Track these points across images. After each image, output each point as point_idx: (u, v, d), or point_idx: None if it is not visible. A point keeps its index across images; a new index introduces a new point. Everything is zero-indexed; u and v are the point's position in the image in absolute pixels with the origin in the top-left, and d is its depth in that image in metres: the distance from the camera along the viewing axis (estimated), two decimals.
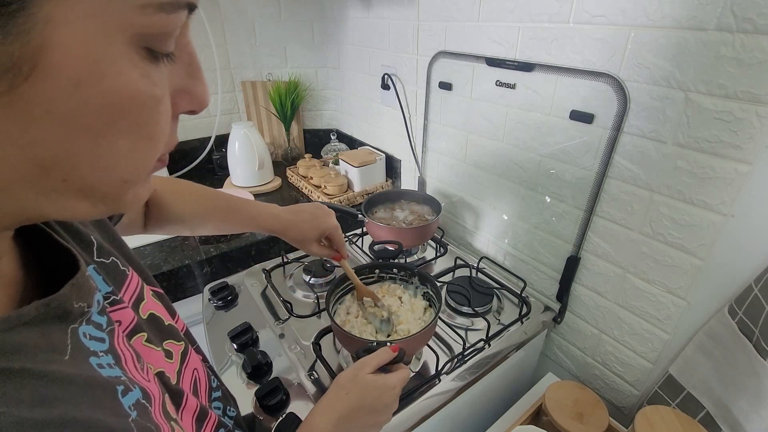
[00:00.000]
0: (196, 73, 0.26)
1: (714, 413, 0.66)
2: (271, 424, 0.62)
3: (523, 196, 0.93)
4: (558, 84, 0.77)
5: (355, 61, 1.42)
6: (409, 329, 0.72)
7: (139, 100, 0.22)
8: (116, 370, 0.29)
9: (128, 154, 0.23)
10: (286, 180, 1.50)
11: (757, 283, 0.57)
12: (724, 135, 0.58)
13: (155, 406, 0.31)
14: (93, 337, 0.29)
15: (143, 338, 0.37)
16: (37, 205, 0.22)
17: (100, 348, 0.29)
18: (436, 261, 1.06)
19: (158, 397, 0.32)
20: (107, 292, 0.35)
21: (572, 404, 0.73)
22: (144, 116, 0.23)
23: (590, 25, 0.69)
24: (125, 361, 0.31)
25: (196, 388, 0.42)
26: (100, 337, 0.30)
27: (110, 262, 0.37)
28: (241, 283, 0.97)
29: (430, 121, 1.13)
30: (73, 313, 0.28)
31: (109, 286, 0.35)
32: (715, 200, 0.62)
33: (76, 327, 0.28)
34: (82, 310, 0.29)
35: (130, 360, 0.31)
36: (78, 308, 0.28)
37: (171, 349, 0.40)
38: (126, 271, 0.39)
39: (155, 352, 0.38)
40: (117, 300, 0.36)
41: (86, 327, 0.29)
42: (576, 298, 0.89)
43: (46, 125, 0.20)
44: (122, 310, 0.36)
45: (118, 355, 0.30)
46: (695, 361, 0.67)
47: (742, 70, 0.54)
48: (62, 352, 0.26)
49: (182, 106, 0.27)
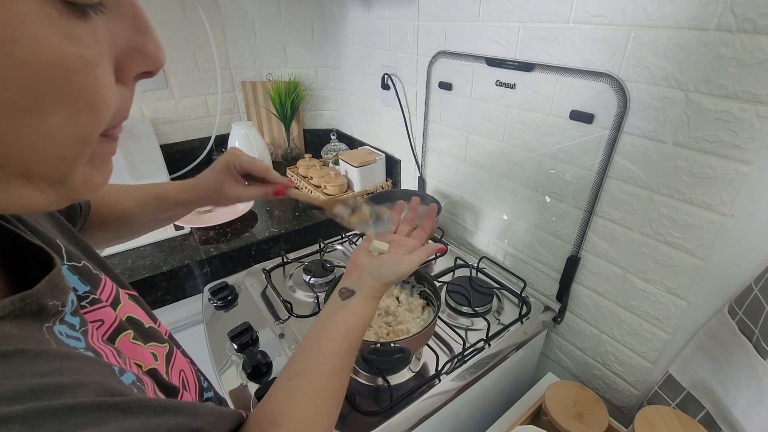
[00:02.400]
0: (143, 28, 0.23)
1: (714, 413, 0.66)
2: None
3: (523, 196, 0.93)
4: (558, 84, 0.77)
5: (355, 61, 1.42)
6: (408, 329, 0.72)
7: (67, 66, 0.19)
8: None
9: (66, 129, 0.20)
10: None
11: (757, 283, 0.57)
12: (724, 135, 0.58)
13: (149, 390, 0.31)
14: (69, 336, 0.28)
15: (130, 336, 0.36)
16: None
17: (78, 346, 0.28)
18: (436, 261, 1.06)
19: (150, 385, 0.32)
20: (84, 291, 0.34)
21: (572, 404, 0.73)
22: (77, 84, 0.20)
23: (590, 25, 0.69)
24: (106, 357, 0.30)
25: (185, 388, 0.41)
26: (76, 336, 0.28)
27: (82, 265, 0.36)
28: (241, 283, 0.97)
29: (430, 121, 1.13)
30: (48, 311, 0.27)
31: (86, 286, 0.34)
32: (715, 200, 0.62)
33: (50, 326, 0.27)
34: (57, 308, 0.28)
35: (111, 357, 0.30)
36: (52, 306, 0.27)
37: (155, 351, 0.39)
38: (99, 275, 0.38)
39: (143, 349, 0.37)
40: (96, 299, 0.35)
41: (60, 326, 0.28)
42: (576, 298, 0.89)
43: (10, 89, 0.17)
44: (102, 309, 0.35)
45: (99, 353, 0.29)
46: (695, 361, 0.67)
47: (742, 70, 0.54)
48: (48, 343, 0.25)
49: (134, 68, 0.23)
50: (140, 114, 1.38)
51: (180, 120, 1.47)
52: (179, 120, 1.47)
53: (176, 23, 1.34)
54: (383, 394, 0.69)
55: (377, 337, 0.71)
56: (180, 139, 1.49)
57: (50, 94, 0.19)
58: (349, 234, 1.15)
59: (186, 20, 1.35)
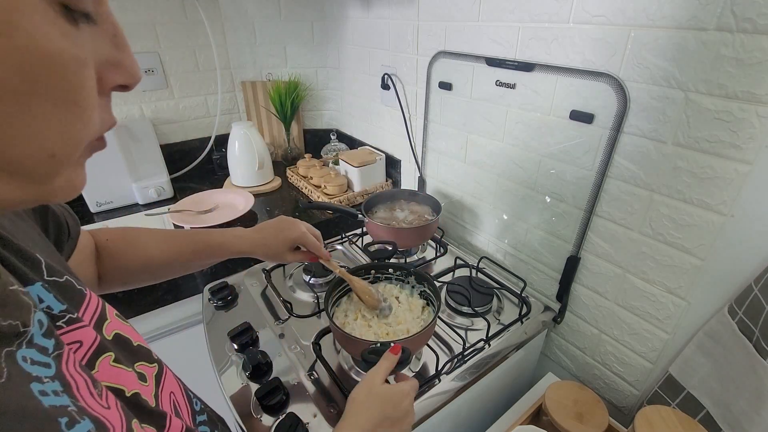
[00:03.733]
0: (122, 46, 0.24)
1: (714, 413, 0.66)
2: (271, 425, 0.62)
3: (523, 196, 0.93)
4: (558, 84, 0.77)
5: (355, 61, 1.42)
6: (408, 329, 0.72)
7: (61, 60, 0.20)
8: (63, 398, 0.26)
9: (54, 124, 0.21)
10: (286, 180, 1.50)
11: (757, 283, 0.57)
12: (724, 135, 0.58)
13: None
14: (35, 362, 0.25)
15: (110, 358, 0.34)
16: None
17: (45, 374, 0.26)
18: (436, 261, 1.06)
19: (119, 426, 0.29)
20: (61, 310, 0.31)
21: (572, 404, 0.73)
22: (67, 79, 0.21)
23: (590, 25, 0.69)
24: (77, 389, 0.27)
25: (177, 412, 0.39)
26: (45, 362, 0.26)
27: (64, 280, 0.34)
28: (241, 283, 0.97)
29: (430, 121, 1.13)
30: (3, 332, 0.24)
31: (63, 304, 0.31)
32: (715, 200, 0.62)
33: (12, 350, 0.24)
34: (16, 329, 0.25)
35: (83, 387, 0.28)
36: (8, 326, 0.25)
37: (143, 372, 0.37)
38: (83, 290, 0.35)
39: (126, 373, 0.34)
40: (74, 318, 0.32)
41: (27, 350, 0.25)
42: (576, 298, 0.89)
43: None
44: (81, 329, 0.32)
45: (67, 383, 0.27)
46: (695, 361, 0.67)
47: (742, 70, 0.54)
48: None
49: (112, 80, 0.25)
50: (140, 114, 1.38)
51: (180, 120, 1.47)
52: (179, 120, 1.47)
53: (176, 23, 1.34)
54: None
55: (377, 337, 0.71)
56: (180, 139, 1.49)
57: (42, 83, 0.20)
58: (349, 234, 1.15)
59: (186, 20, 1.35)
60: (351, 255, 1.08)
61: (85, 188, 0.81)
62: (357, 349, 0.65)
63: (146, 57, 1.32)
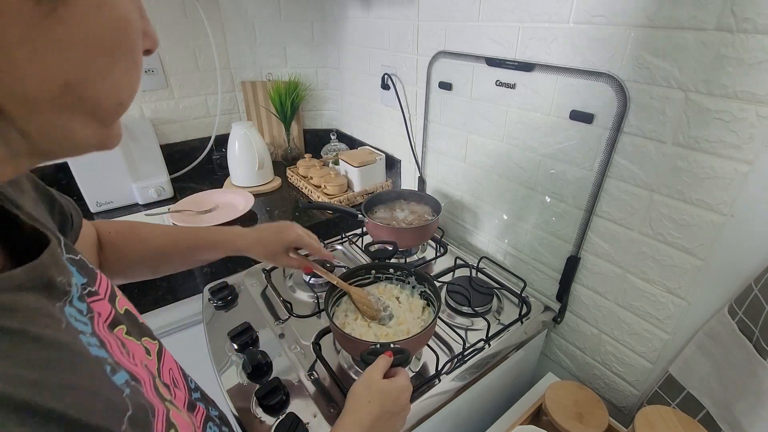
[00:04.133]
0: (146, 16, 0.28)
1: (714, 413, 0.66)
2: (271, 424, 0.62)
3: (523, 196, 0.93)
4: (558, 84, 0.77)
5: (355, 61, 1.42)
6: (408, 329, 0.72)
7: (132, 27, 0.25)
8: (102, 352, 0.29)
9: (124, 78, 0.26)
10: (286, 180, 1.50)
11: (757, 283, 0.57)
12: (724, 135, 0.58)
13: (146, 387, 0.31)
14: (77, 320, 0.29)
15: (123, 330, 0.37)
16: (52, 126, 0.24)
17: (85, 330, 0.29)
18: (436, 261, 1.06)
19: (148, 380, 0.32)
20: (82, 283, 0.34)
21: (572, 404, 0.73)
22: (134, 42, 0.26)
23: (590, 25, 0.69)
24: (110, 347, 0.30)
25: (176, 386, 0.42)
26: (83, 321, 0.30)
27: (79, 258, 0.36)
28: (241, 283, 0.97)
29: (430, 121, 1.13)
30: (57, 288, 0.28)
31: (83, 278, 0.34)
32: (715, 200, 0.62)
33: (62, 305, 0.28)
34: (65, 288, 0.29)
35: (114, 346, 0.31)
36: (60, 283, 0.29)
37: (148, 347, 0.39)
38: (94, 270, 0.38)
39: (136, 345, 0.37)
40: (93, 291, 0.35)
41: (69, 308, 0.29)
42: (576, 298, 0.89)
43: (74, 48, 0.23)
44: (99, 302, 0.35)
45: (102, 341, 0.30)
46: (695, 361, 0.67)
47: (742, 70, 0.54)
48: (59, 320, 0.26)
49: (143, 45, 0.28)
50: (140, 114, 1.38)
51: (180, 120, 1.47)
52: (179, 120, 1.47)
53: (176, 23, 1.34)
54: None
55: (377, 338, 0.71)
56: (180, 139, 1.49)
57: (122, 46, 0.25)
58: (349, 234, 1.15)
59: (186, 20, 1.35)
60: (351, 255, 1.08)
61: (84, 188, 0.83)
62: (357, 349, 0.65)
63: (146, 57, 1.31)
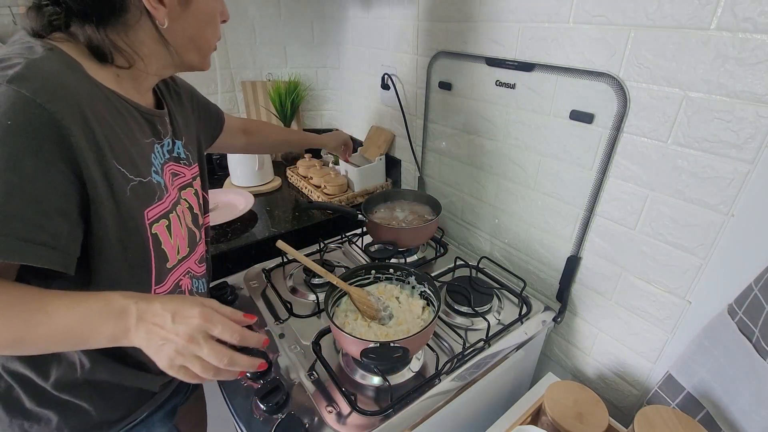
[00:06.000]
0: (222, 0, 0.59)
1: (714, 413, 0.66)
2: (271, 424, 0.62)
3: (523, 196, 0.93)
4: (558, 84, 0.77)
5: (355, 61, 1.42)
6: (408, 329, 0.72)
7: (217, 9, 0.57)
8: (158, 177, 0.57)
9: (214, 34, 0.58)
10: (286, 180, 1.50)
11: (757, 283, 0.57)
12: (724, 134, 0.58)
13: (174, 212, 0.60)
14: (156, 154, 0.57)
15: (192, 192, 0.67)
16: (181, 58, 0.55)
17: (156, 163, 0.57)
18: (436, 261, 1.06)
19: (179, 217, 0.61)
20: (182, 157, 0.65)
21: (572, 404, 0.73)
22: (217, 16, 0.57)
23: (590, 25, 0.69)
24: (166, 178, 0.59)
25: (195, 253, 0.69)
26: (160, 158, 0.58)
27: (188, 150, 0.67)
28: (241, 283, 0.96)
29: (430, 121, 1.13)
30: (157, 128, 0.58)
31: (185, 155, 0.66)
32: (715, 200, 0.62)
33: (154, 141, 0.58)
34: (160, 135, 0.59)
35: (170, 184, 0.60)
36: (160, 129, 0.59)
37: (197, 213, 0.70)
38: (192, 159, 0.69)
39: (197, 205, 0.69)
40: (188, 164, 0.67)
41: (158, 147, 0.58)
42: (576, 298, 0.89)
43: (193, 20, 0.53)
44: (185, 167, 0.66)
45: (162, 173, 0.58)
46: (695, 361, 0.67)
47: (742, 70, 0.54)
48: (150, 141, 0.58)
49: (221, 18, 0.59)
50: None
51: None
52: None
53: None
54: (383, 394, 0.69)
55: (377, 337, 0.71)
56: None
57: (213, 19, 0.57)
58: (349, 234, 1.15)
59: None
60: (351, 255, 1.08)
61: None
62: (357, 349, 0.65)
63: None
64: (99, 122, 0.46)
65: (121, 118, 0.51)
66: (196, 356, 0.44)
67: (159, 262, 0.57)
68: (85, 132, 0.44)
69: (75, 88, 0.44)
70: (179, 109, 0.68)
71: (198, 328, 0.44)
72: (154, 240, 0.55)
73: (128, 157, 0.51)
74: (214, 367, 0.44)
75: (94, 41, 0.48)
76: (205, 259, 0.73)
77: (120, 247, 0.50)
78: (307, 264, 0.78)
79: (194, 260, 0.68)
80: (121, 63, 0.50)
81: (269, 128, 1.05)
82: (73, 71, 0.46)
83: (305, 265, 0.79)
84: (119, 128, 0.50)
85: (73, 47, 0.48)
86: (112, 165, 0.47)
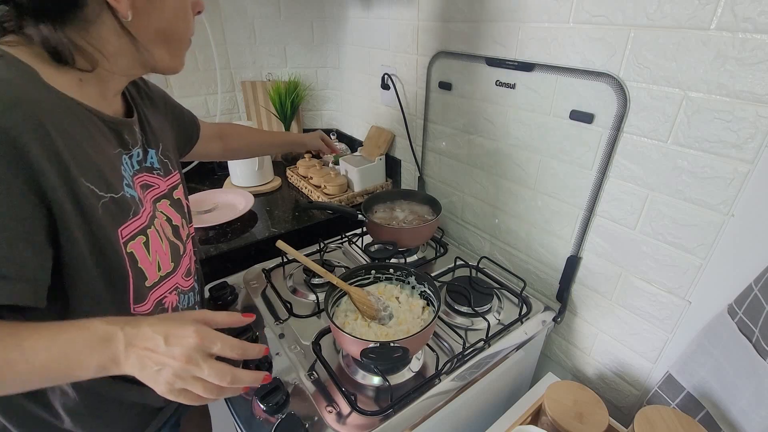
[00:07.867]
0: None
1: (714, 413, 0.66)
2: (271, 424, 0.62)
3: (523, 196, 0.93)
4: (558, 84, 0.77)
5: (355, 61, 1.42)
6: (408, 329, 0.72)
7: (188, 2, 0.51)
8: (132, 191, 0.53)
9: (186, 28, 0.52)
10: (286, 180, 1.50)
11: (757, 283, 0.57)
12: (724, 135, 0.58)
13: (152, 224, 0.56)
14: (125, 166, 0.53)
15: (168, 203, 0.62)
16: (150, 55, 0.50)
17: (126, 175, 0.53)
18: (436, 261, 1.06)
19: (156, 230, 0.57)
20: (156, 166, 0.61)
21: (572, 404, 0.73)
22: (189, 6, 0.51)
23: (590, 25, 0.69)
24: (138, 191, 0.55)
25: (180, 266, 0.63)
26: (131, 165, 0.54)
27: (166, 159, 0.64)
28: (241, 283, 0.96)
29: (430, 121, 1.13)
30: (126, 141, 0.54)
31: (159, 166, 0.61)
32: (715, 200, 0.62)
33: (122, 152, 0.53)
34: (128, 146, 0.54)
35: (142, 194, 0.56)
36: (127, 139, 0.54)
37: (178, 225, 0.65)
38: (173, 167, 0.66)
39: (177, 216, 0.64)
40: (161, 174, 0.62)
41: (126, 158, 0.53)
42: (576, 298, 0.89)
43: (164, 10, 0.48)
44: (157, 179, 0.61)
45: (133, 186, 0.54)
46: (695, 361, 0.67)
47: (742, 70, 0.54)
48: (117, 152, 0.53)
49: (194, 8, 0.53)
50: None
51: None
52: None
53: None
54: (383, 394, 0.69)
55: (377, 337, 0.71)
56: None
57: (184, 12, 0.50)
58: (349, 234, 1.15)
59: None
60: (351, 255, 1.08)
61: None
62: (357, 349, 0.65)
63: None
64: (61, 135, 0.41)
65: (84, 130, 0.46)
66: (196, 378, 0.42)
67: (137, 281, 0.52)
68: (45, 147, 0.39)
69: (31, 98, 0.40)
70: (153, 113, 0.64)
71: (195, 347, 0.42)
72: (130, 259, 0.51)
73: (97, 172, 0.46)
74: (216, 387, 0.43)
75: (52, 42, 0.42)
76: (193, 271, 0.69)
77: (96, 270, 0.47)
78: (307, 264, 0.78)
79: (180, 275, 0.63)
80: (82, 65, 0.45)
81: (245, 131, 0.99)
82: (28, 79, 0.41)
83: (305, 265, 0.79)
84: (84, 141, 0.45)
85: (27, 51, 0.43)
86: (79, 182, 0.43)
